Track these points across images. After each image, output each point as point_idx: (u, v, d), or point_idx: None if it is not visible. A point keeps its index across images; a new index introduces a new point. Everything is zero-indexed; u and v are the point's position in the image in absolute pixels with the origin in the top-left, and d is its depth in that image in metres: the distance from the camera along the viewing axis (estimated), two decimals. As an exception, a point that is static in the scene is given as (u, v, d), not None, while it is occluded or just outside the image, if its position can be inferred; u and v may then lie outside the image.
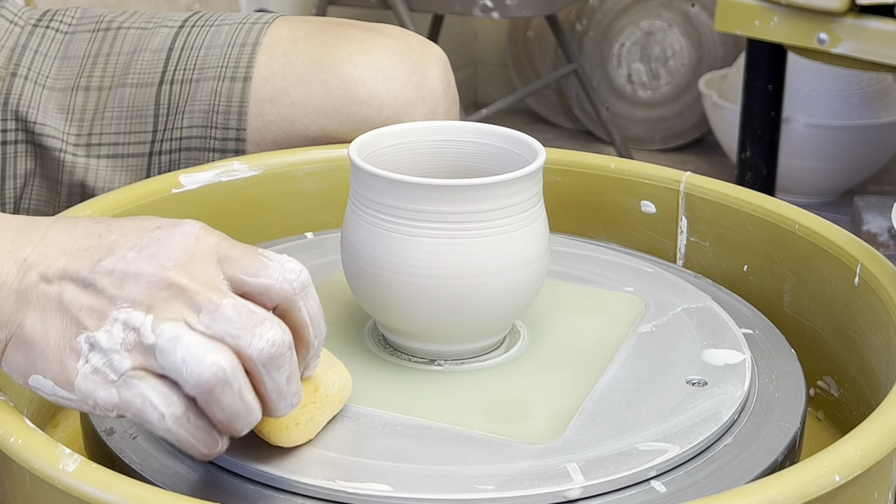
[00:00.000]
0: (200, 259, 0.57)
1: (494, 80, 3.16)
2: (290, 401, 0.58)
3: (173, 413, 0.55)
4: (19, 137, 0.94)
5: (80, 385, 0.56)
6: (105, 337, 0.56)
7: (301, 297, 0.58)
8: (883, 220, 2.25)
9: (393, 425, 0.63)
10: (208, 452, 0.57)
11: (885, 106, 2.42)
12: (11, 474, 0.58)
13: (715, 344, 0.71)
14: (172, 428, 0.55)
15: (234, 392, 0.55)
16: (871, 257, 0.74)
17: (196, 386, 0.55)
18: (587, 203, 0.90)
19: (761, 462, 0.62)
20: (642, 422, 0.63)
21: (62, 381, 0.57)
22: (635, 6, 2.82)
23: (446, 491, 0.58)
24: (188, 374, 0.55)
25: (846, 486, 0.55)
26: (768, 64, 2.00)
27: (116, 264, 0.57)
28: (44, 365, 0.57)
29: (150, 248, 0.57)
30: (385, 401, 0.65)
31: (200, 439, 0.57)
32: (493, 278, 0.66)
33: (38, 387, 0.57)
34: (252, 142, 0.93)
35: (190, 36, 0.96)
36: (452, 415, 0.64)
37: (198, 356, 0.54)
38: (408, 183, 0.65)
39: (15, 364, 0.58)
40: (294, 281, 0.58)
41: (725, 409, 0.65)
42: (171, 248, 0.57)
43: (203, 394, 0.55)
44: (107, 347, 0.56)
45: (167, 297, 0.56)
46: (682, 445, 0.61)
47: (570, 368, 0.69)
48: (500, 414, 0.65)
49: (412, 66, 0.93)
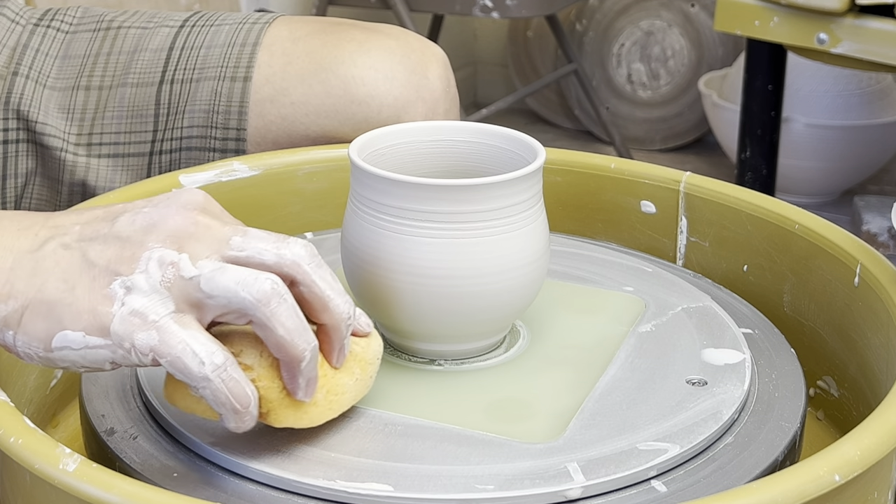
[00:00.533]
0: (213, 210, 0.59)
1: (494, 80, 3.16)
2: (344, 297, 0.59)
3: (213, 361, 0.55)
4: (20, 137, 0.94)
5: (116, 328, 0.56)
6: (143, 278, 0.56)
7: (314, 268, 0.58)
8: (883, 220, 2.25)
9: (393, 425, 0.63)
10: (242, 410, 0.56)
11: (885, 106, 2.42)
12: (11, 474, 0.58)
13: (715, 344, 0.71)
14: (210, 376, 0.55)
15: (289, 306, 0.56)
16: (871, 257, 0.74)
17: (256, 303, 0.55)
18: (587, 203, 0.90)
19: (761, 462, 0.62)
20: (642, 421, 0.63)
21: (94, 328, 0.56)
22: (635, 6, 2.82)
23: (447, 491, 0.58)
24: (246, 292, 0.55)
25: (846, 486, 0.55)
26: (768, 64, 2.00)
27: (135, 216, 0.58)
28: (72, 318, 0.56)
29: (164, 202, 0.58)
30: (385, 401, 0.65)
31: (235, 393, 0.56)
32: (494, 278, 0.66)
33: (66, 344, 0.56)
34: (252, 142, 0.93)
35: (190, 36, 0.96)
36: (452, 414, 0.64)
37: (251, 277, 0.56)
38: (408, 183, 0.65)
39: (35, 331, 0.57)
40: (304, 250, 0.58)
41: (725, 409, 0.65)
42: (185, 200, 0.58)
43: (263, 310, 0.55)
44: (146, 287, 0.56)
45: (195, 234, 0.57)
46: (682, 445, 0.61)
47: (570, 368, 0.69)
48: (500, 414, 0.65)
49: (412, 66, 0.93)
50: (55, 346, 0.57)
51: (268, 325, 0.56)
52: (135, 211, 0.58)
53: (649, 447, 0.61)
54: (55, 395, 0.78)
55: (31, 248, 0.58)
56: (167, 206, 0.58)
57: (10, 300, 0.57)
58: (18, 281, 0.57)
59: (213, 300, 0.56)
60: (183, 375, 0.56)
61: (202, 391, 0.56)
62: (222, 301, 0.56)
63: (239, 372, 0.56)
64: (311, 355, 0.57)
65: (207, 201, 0.59)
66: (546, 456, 0.60)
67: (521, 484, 0.58)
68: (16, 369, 0.72)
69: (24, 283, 0.57)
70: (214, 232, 0.57)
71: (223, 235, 0.57)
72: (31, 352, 0.58)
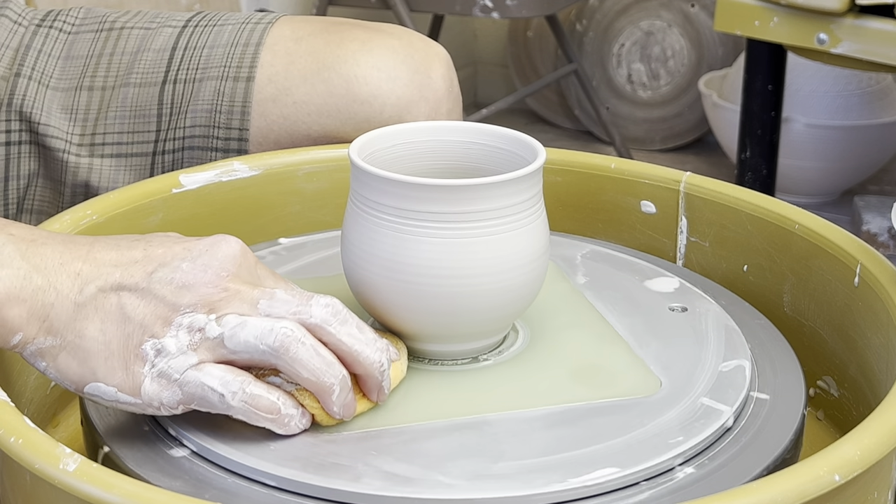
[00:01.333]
0: (247, 268, 0.62)
1: (494, 80, 3.16)
2: (374, 346, 0.62)
3: (229, 389, 0.59)
4: (23, 138, 0.94)
5: (146, 389, 0.59)
6: (172, 342, 0.59)
7: (336, 326, 0.61)
8: (883, 220, 2.25)
9: (394, 425, 0.63)
10: (275, 417, 0.60)
11: (885, 106, 2.42)
12: (12, 474, 0.58)
13: (715, 344, 0.71)
14: (232, 403, 0.59)
15: (308, 347, 0.59)
16: (871, 257, 0.74)
17: (273, 352, 0.59)
18: (587, 203, 0.90)
19: (761, 462, 0.62)
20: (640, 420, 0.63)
21: (128, 387, 0.60)
22: (635, 6, 2.82)
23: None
24: (264, 345, 0.59)
25: (846, 486, 0.55)
26: (768, 64, 2.00)
27: (174, 274, 0.60)
28: (106, 373, 0.60)
29: (202, 258, 0.61)
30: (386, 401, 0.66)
31: (261, 406, 0.60)
32: (494, 278, 0.66)
33: (97, 394, 0.60)
34: (255, 141, 0.93)
35: (193, 36, 0.96)
36: (450, 414, 0.64)
37: (267, 327, 0.59)
38: (408, 183, 0.65)
39: (68, 372, 0.60)
40: (325, 311, 0.61)
41: (725, 409, 0.65)
42: (221, 258, 0.61)
43: (283, 356, 0.59)
44: (174, 351, 0.59)
45: (225, 298, 0.60)
46: (681, 445, 0.61)
47: (569, 368, 0.69)
48: (500, 412, 0.65)
49: (415, 66, 0.93)
50: (87, 392, 0.61)
51: (291, 371, 0.60)
52: (173, 266, 0.61)
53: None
54: (55, 395, 0.78)
55: (73, 290, 0.60)
56: (204, 266, 0.61)
57: (49, 337, 0.60)
58: (58, 321, 0.60)
59: (238, 355, 0.60)
60: (213, 410, 0.60)
61: (235, 417, 0.60)
62: (245, 356, 0.60)
63: (259, 387, 0.60)
64: (339, 387, 0.61)
65: (244, 255, 0.62)
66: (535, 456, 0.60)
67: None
68: (16, 369, 0.72)
69: (63, 324, 0.60)
70: (243, 296, 0.61)
71: (252, 299, 0.61)
72: (61, 384, 0.61)
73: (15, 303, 0.59)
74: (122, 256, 0.62)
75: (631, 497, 0.59)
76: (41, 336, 0.60)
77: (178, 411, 0.60)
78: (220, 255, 0.61)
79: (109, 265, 0.61)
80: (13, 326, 0.60)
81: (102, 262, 0.61)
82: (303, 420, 0.61)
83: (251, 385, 0.59)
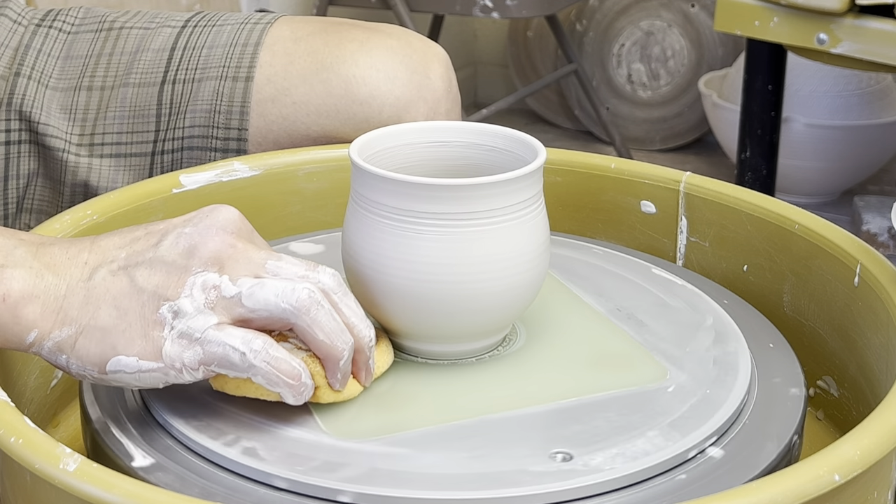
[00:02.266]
0: (246, 232, 0.63)
1: (494, 80, 3.16)
2: (366, 321, 0.63)
3: (252, 348, 0.59)
4: (23, 137, 0.94)
5: (167, 351, 0.60)
6: (188, 302, 0.60)
7: (341, 296, 0.62)
8: (883, 220, 2.25)
9: (394, 426, 0.63)
10: (295, 384, 0.60)
11: (885, 106, 2.42)
12: (12, 474, 0.58)
13: (714, 344, 0.71)
14: (255, 363, 0.59)
15: (327, 311, 0.61)
16: (871, 257, 0.74)
17: (295, 311, 0.60)
18: (587, 203, 0.90)
19: (761, 461, 0.62)
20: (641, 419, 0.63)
21: (148, 353, 0.60)
22: (635, 6, 2.82)
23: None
24: (286, 303, 0.60)
25: (846, 486, 0.55)
26: (768, 64, 2.00)
27: (178, 239, 0.61)
28: (125, 344, 0.60)
29: (204, 222, 0.62)
30: (383, 400, 0.66)
31: (283, 370, 0.60)
32: (493, 276, 0.66)
33: (120, 368, 0.60)
34: (254, 141, 0.93)
35: (192, 36, 0.96)
36: (452, 414, 0.64)
37: (288, 288, 0.60)
38: (408, 183, 0.65)
39: (88, 354, 0.60)
40: (332, 279, 0.62)
41: (725, 409, 0.65)
42: (223, 220, 0.62)
43: (303, 317, 0.60)
44: (191, 311, 0.60)
45: (234, 256, 0.61)
46: (681, 445, 0.61)
47: (568, 368, 0.69)
48: (499, 412, 0.65)
49: (414, 66, 0.93)
50: (110, 370, 0.61)
51: (308, 332, 0.61)
52: (176, 233, 0.62)
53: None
54: (55, 395, 0.78)
55: (83, 278, 0.61)
56: (207, 227, 0.61)
57: (65, 327, 0.61)
58: (71, 309, 0.61)
59: (256, 313, 0.60)
60: (233, 371, 0.60)
61: (255, 379, 0.60)
62: (264, 314, 0.60)
63: (280, 350, 0.60)
64: (348, 354, 0.62)
65: (242, 220, 0.63)
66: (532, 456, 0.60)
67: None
68: (16, 369, 0.72)
69: (77, 310, 0.61)
70: (251, 255, 0.62)
71: (260, 259, 0.62)
72: (84, 373, 0.61)
73: (30, 300, 0.60)
74: (125, 238, 0.63)
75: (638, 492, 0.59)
76: (56, 329, 0.61)
77: (199, 374, 0.60)
78: (222, 217, 0.62)
79: (114, 248, 0.62)
80: (28, 323, 0.60)
81: (107, 247, 0.63)
82: (310, 392, 0.62)
83: (273, 347, 0.60)
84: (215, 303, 0.60)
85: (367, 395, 0.66)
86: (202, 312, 0.60)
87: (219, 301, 0.60)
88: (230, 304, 0.60)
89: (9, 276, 0.60)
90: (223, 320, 0.60)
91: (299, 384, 0.61)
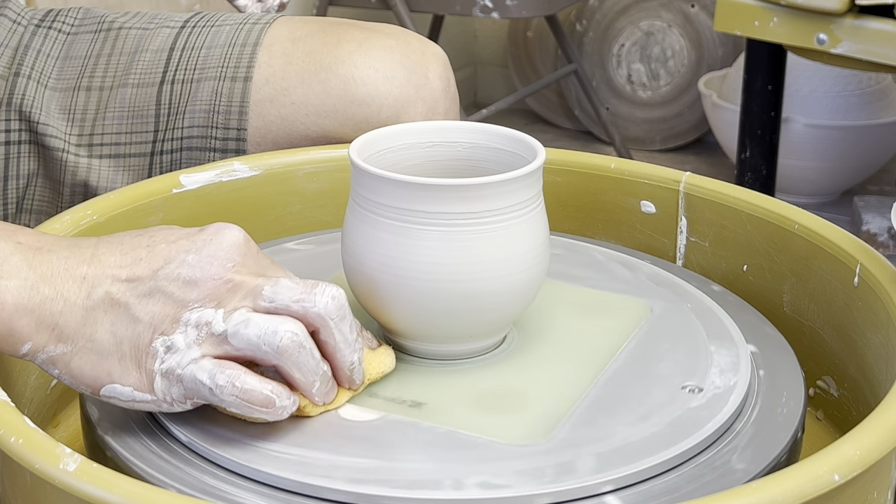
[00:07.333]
0: (251, 256, 0.63)
1: (494, 80, 3.16)
2: (353, 346, 0.63)
3: (217, 383, 0.59)
4: (23, 137, 0.94)
5: (158, 386, 0.60)
6: (181, 338, 0.60)
7: (336, 322, 0.62)
8: (882, 220, 2.25)
9: (395, 426, 0.63)
10: (270, 410, 0.60)
11: (884, 106, 2.42)
12: (12, 474, 0.58)
13: (714, 344, 0.71)
14: (222, 397, 0.60)
15: (307, 352, 0.61)
16: (871, 257, 0.74)
17: (276, 354, 0.60)
18: (587, 203, 0.90)
19: (761, 462, 0.62)
20: (638, 422, 0.63)
21: (142, 385, 0.61)
22: (635, 6, 2.82)
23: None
24: (267, 346, 0.60)
25: (846, 486, 0.55)
26: (768, 64, 2.00)
27: (180, 269, 0.61)
28: (121, 373, 0.61)
29: (207, 249, 0.61)
30: (381, 401, 0.66)
31: (254, 400, 0.60)
32: (493, 275, 0.66)
33: (114, 395, 0.61)
34: (252, 142, 0.93)
35: (191, 36, 0.96)
36: (452, 414, 0.64)
37: (271, 329, 0.60)
38: (408, 183, 0.65)
39: (83, 375, 0.61)
40: (331, 303, 0.62)
41: (725, 409, 0.65)
42: (227, 247, 0.62)
43: (283, 359, 0.60)
44: (182, 346, 0.60)
45: (232, 289, 0.61)
46: (681, 445, 0.61)
47: (568, 369, 0.69)
48: (498, 412, 0.65)
49: (412, 66, 0.93)
50: (104, 394, 0.61)
51: (286, 371, 0.61)
52: (178, 261, 0.61)
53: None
54: (55, 395, 0.78)
55: (80, 296, 0.61)
56: (209, 257, 0.61)
57: (60, 344, 0.61)
58: (67, 327, 0.61)
59: (241, 351, 0.60)
60: (212, 404, 0.61)
61: (229, 409, 0.61)
62: (248, 353, 0.60)
63: (250, 380, 0.60)
64: (320, 383, 0.62)
65: (246, 243, 0.63)
66: (535, 456, 0.60)
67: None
68: (16, 369, 0.72)
69: (73, 330, 0.61)
70: (248, 285, 0.61)
71: (256, 287, 0.61)
72: (77, 388, 0.62)
73: (23, 313, 0.60)
74: (126, 257, 0.62)
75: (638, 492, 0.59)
76: (52, 344, 0.60)
77: (188, 406, 0.61)
78: (226, 244, 0.62)
79: (115, 266, 0.62)
80: (21, 336, 0.60)
81: (107, 264, 0.62)
82: (293, 408, 0.62)
83: (241, 378, 0.60)
84: (204, 339, 0.60)
85: (367, 395, 0.66)
86: (190, 348, 0.60)
87: (208, 338, 0.60)
88: (218, 341, 0.60)
89: (3, 288, 0.59)
90: (207, 354, 0.60)
91: (274, 409, 0.61)
